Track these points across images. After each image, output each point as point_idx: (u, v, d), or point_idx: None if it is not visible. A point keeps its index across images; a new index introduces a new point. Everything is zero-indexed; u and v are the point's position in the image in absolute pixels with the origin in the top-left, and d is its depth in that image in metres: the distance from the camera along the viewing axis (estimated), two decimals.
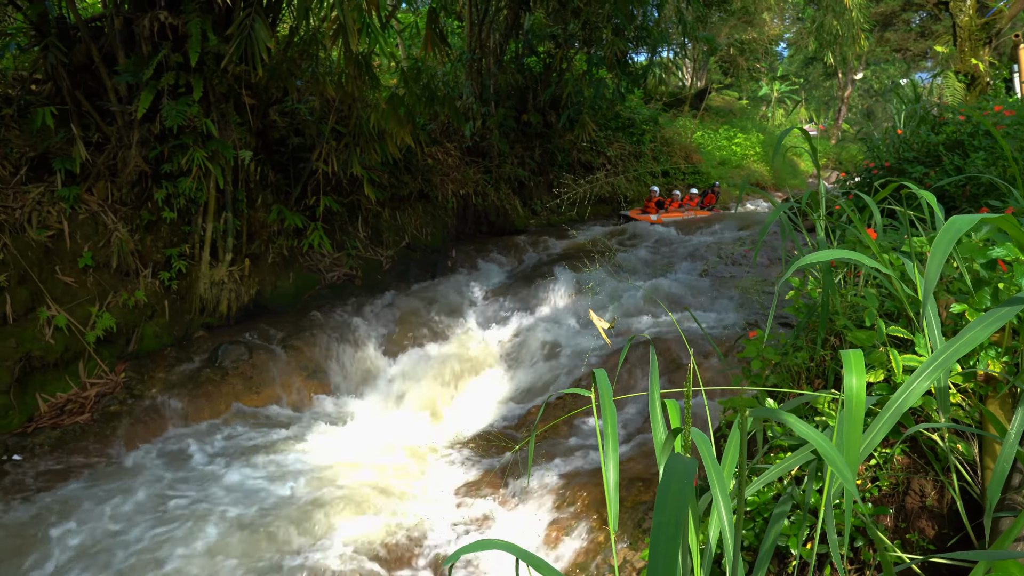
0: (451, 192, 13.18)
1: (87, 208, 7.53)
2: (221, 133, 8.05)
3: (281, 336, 8.50)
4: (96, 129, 7.82)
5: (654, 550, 1.00)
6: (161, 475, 5.88)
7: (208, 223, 8.24)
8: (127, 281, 7.64)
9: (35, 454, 6.06)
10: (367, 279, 10.67)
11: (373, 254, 11.20)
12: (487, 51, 14.63)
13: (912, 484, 2.40)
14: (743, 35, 26.05)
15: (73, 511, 5.19)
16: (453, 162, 13.74)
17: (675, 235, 13.72)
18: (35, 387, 6.66)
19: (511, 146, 15.19)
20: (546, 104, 15.78)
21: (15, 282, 6.69)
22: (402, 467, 6.26)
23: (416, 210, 12.41)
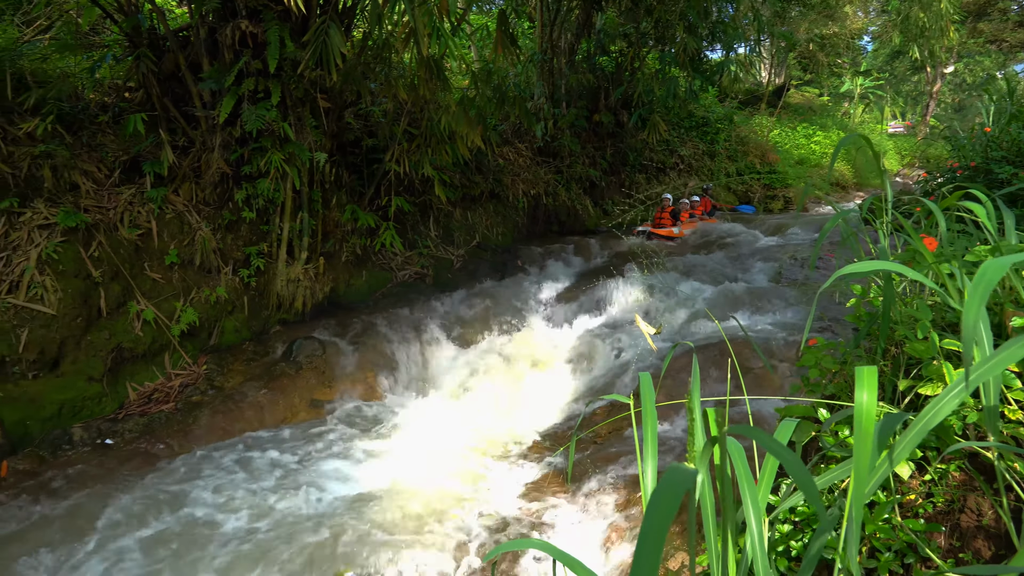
0: (522, 192, 13.29)
1: (173, 208, 7.94)
2: (297, 136, 8.35)
3: (353, 332, 8.74)
4: (182, 133, 8.24)
5: (637, 557, 1.03)
6: (238, 462, 6.16)
7: (285, 223, 8.56)
8: (209, 278, 8.02)
9: (125, 439, 6.44)
10: (438, 278, 10.87)
11: (444, 253, 11.40)
12: (558, 51, 14.68)
13: (968, 502, 2.34)
14: (824, 29, 25.28)
15: (158, 494, 5.49)
16: (524, 162, 13.84)
17: (749, 237, 13.47)
18: (125, 376, 7.08)
19: (582, 146, 15.20)
20: (618, 104, 15.73)
21: (108, 278, 7.12)
22: (465, 464, 6.37)
23: (487, 210, 12.57)
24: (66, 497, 5.48)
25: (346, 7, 8.77)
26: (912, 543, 2.27)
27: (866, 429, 1.32)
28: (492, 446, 6.82)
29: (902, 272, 1.78)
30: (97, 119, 8.00)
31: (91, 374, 6.75)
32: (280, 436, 6.77)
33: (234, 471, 6.01)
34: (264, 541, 4.89)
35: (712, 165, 18.14)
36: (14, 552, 4.76)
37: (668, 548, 4.36)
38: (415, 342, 8.93)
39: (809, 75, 30.00)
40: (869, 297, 3.18)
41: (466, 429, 7.26)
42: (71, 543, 4.90)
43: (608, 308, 9.96)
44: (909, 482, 2.46)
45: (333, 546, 4.84)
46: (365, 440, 6.80)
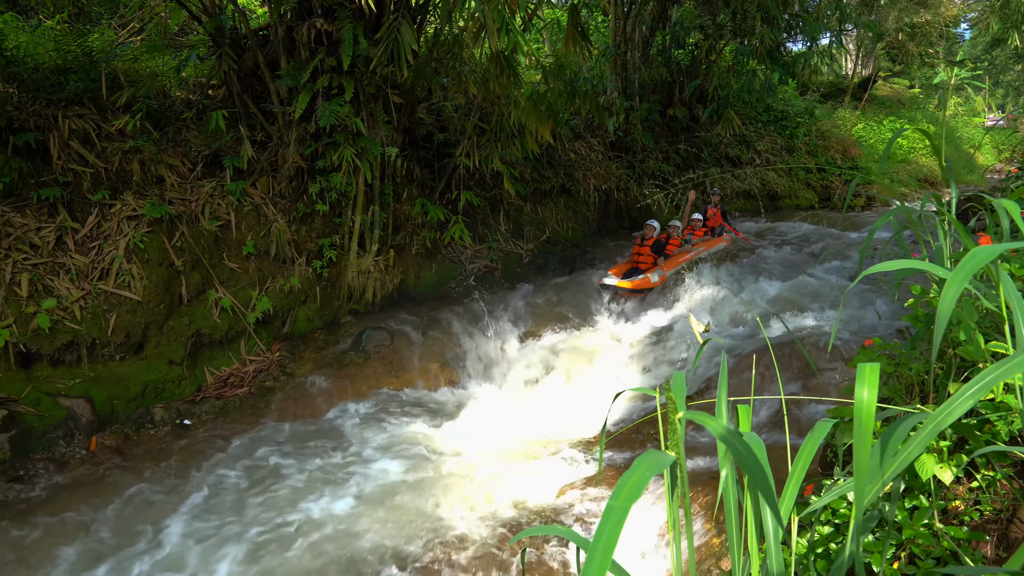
0: (593, 187, 13.23)
1: (251, 201, 8.26)
2: (370, 131, 8.54)
3: (421, 324, 8.91)
4: (260, 129, 8.56)
5: (598, 532, 1.05)
6: (307, 445, 6.39)
7: (357, 215, 8.78)
8: (284, 268, 8.32)
9: (202, 420, 6.77)
10: (506, 271, 10.95)
11: (513, 247, 11.47)
12: (632, 45, 14.54)
13: (1019, 512, 2.25)
14: (915, 18, 24.16)
15: (231, 472, 5.76)
16: (596, 157, 13.78)
17: (821, 232, 13.05)
18: (204, 361, 7.42)
19: (655, 141, 15.02)
20: (692, 98, 15.47)
21: (190, 267, 7.48)
22: (526, 455, 6.43)
23: (557, 204, 12.58)
24: (149, 471, 5.80)
25: (418, 4, 8.93)
26: (954, 551, 2.20)
27: (866, 427, 1.30)
28: (550, 439, 6.85)
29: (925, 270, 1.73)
30: (182, 116, 8.39)
31: (172, 358, 7.11)
32: (345, 420, 6.97)
33: (295, 451, 6.24)
34: (317, 517, 5.07)
35: (790, 160, 17.64)
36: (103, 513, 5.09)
37: (721, 548, 4.31)
38: (482, 335, 9.04)
39: (899, 66, 28.74)
40: (928, 297, 3.08)
41: (527, 421, 7.32)
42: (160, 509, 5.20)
43: (675, 305, 9.85)
44: (955, 488, 2.38)
45: (379, 532, 4.97)
46: (428, 429, 6.94)
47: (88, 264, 6.91)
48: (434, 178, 10.25)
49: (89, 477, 5.76)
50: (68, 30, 8.34)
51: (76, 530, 5.06)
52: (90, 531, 5.06)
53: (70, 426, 6.22)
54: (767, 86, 15.00)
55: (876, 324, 7.99)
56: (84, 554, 4.77)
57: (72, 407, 6.29)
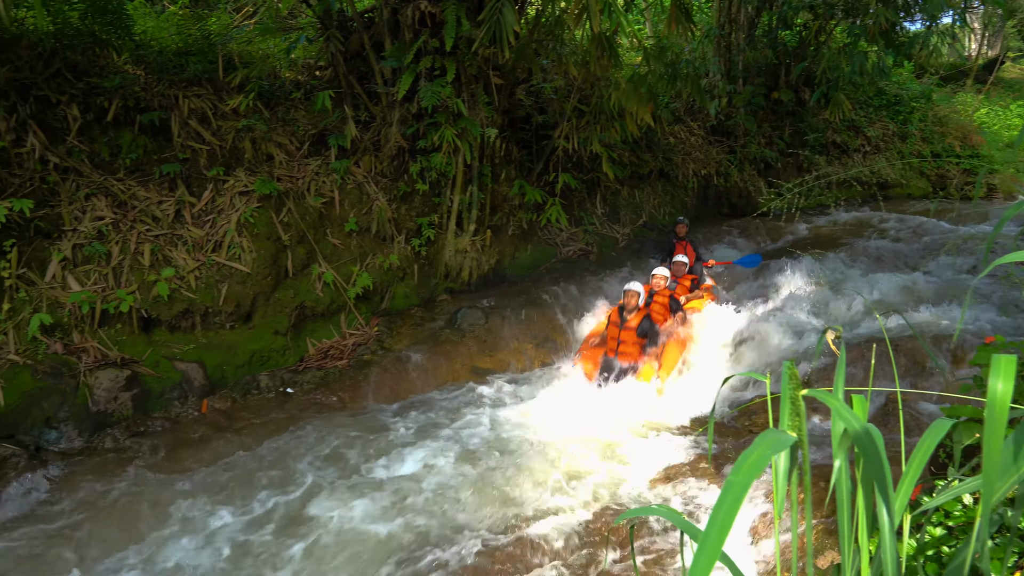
0: (692, 172, 12.96)
1: (354, 179, 8.49)
2: (470, 112, 8.62)
3: (515, 304, 8.97)
4: (364, 109, 8.77)
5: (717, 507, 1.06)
6: (401, 417, 6.54)
7: (455, 195, 8.90)
8: (384, 245, 8.52)
9: (304, 389, 7.04)
10: (602, 255, 10.88)
11: (609, 231, 11.39)
12: (737, 26, 14.10)
13: None
14: None
15: (331, 438, 5.97)
16: (696, 141, 13.49)
17: (932, 225, 12.33)
18: (306, 333, 7.71)
19: (758, 125, 14.55)
20: (799, 80, 14.89)
21: (295, 241, 7.76)
22: (618, 440, 6.36)
23: (655, 189, 12.39)
24: (255, 433, 6.09)
25: None
26: None
27: (999, 421, 1.21)
28: (644, 424, 6.76)
29: None
30: (291, 96, 8.69)
31: (277, 328, 7.42)
32: (439, 396, 7.10)
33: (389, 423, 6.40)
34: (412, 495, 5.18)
35: (903, 147, 16.73)
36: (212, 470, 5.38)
37: (817, 545, 4.16)
38: (576, 317, 9.01)
39: None
40: None
41: (620, 405, 7.25)
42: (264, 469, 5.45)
43: (774, 295, 9.53)
44: None
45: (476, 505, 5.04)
46: (520, 408, 6.97)
47: (203, 237, 7.27)
48: (532, 160, 10.26)
49: (200, 436, 6.08)
50: (189, 15, 8.76)
51: (184, 482, 5.36)
52: (199, 486, 5.34)
53: (184, 388, 6.59)
54: (880, 69, 14.27)
55: (996, 322, 7.53)
56: (193, 507, 5.04)
57: (186, 371, 6.66)
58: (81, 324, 6.43)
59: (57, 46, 7.20)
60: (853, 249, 10.88)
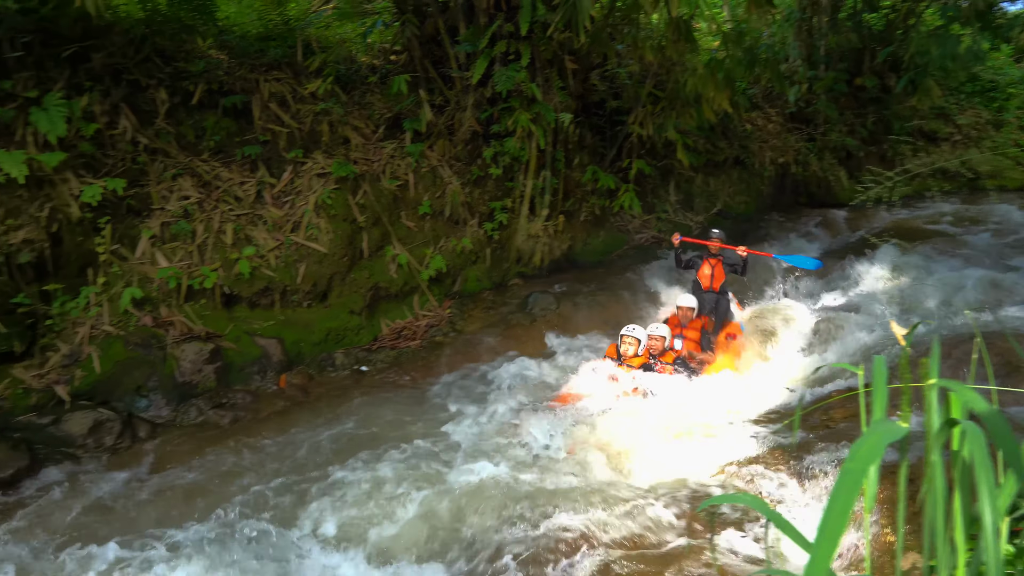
0: (769, 160, 12.62)
1: (428, 163, 8.56)
2: (544, 97, 8.57)
3: (587, 290, 8.90)
4: (439, 93, 8.82)
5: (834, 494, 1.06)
6: (469, 397, 6.54)
7: (528, 180, 8.87)
8: (456, 229, 8.57)
9: (377, 368, 7.17)
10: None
11: (682, 219, 11.19)
12: (819, 9, 13.64)
13: None
14: None
15: (405, 415, 6.04)
16: (773, 128, 13.12)
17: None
18: (380, 313, 7.83)
19: (840, 112, 14.04)
20: (885, 66, 14.29)
21: (371, 223, 7.88)
22: (690, 428, 6.22)
23: (730, 177, 12.12)
24: (330, 408, 6.21)
25: None
26: None
27: None
28: (713, 414, 6.58)
29: None
30: (367, 80, 8.82)
31: (352, 308, 7.56)
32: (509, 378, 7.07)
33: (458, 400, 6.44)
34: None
35: (997, 136, 15.91)
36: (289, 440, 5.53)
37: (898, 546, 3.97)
38: (646, 304, 8.88)
39: None
40: None
41: (689, 394, 7.10)
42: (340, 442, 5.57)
43: (853, 288, 9.19)
44: None
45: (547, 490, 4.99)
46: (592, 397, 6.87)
47: (282, 217, 7.44)
48: (605, 145, 10.17)
49: (278, 409, 6.26)
50: (269, 0, 8.96)
51: (263, 453, 5.50)
52: (275, 456, 5.47)
53: (263, 363, 6.78)
54: (974, 53, 13.58)
55: None
56: (268, 474, 5.17)
57: (266, 347, 6.85)
58: (168, 299, 6.67)
59: (147, 32, 7.46)
60: (940, 242, 10.40)
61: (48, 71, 6.74)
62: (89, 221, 6.51)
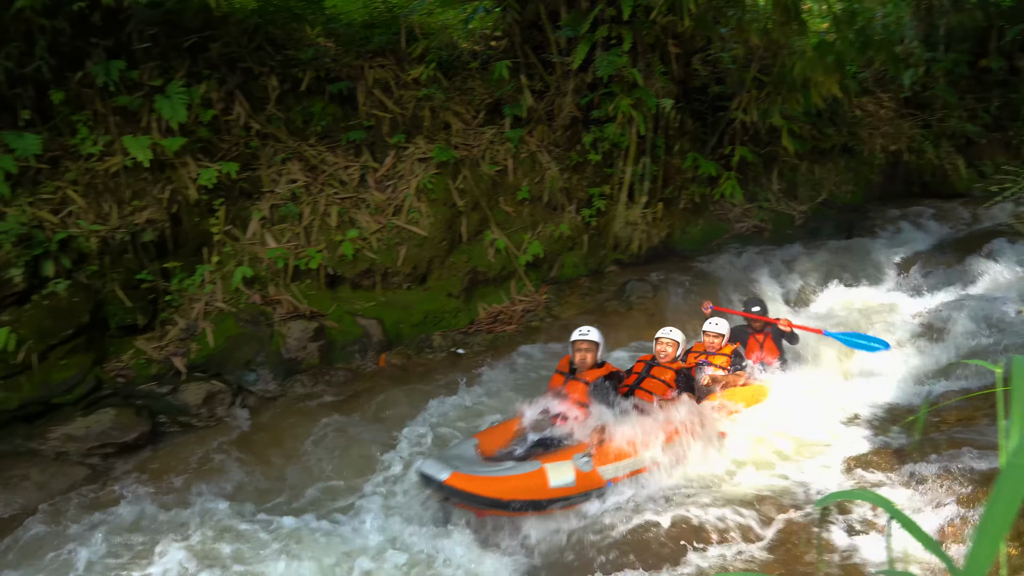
0: (879, 147, 12.02)
1: (527, 148, 8.57)
2: (646, 82, 8.43)
3: (685, 279, 8.74)
4: (539, 79, 8.81)
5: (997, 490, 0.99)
6: None
7: (628, 167, 8.76)
8: (554, 215, 8.56)
9: (473, 350, 7.27)
10: (776, 232, 10.36)
11: (785, 208, 10.81)
12: None
13: None
14: None
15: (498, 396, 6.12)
16: (885, 114, 12.49)
17: None
18: (477, 297, 7.92)
19: (960, 97, 13.21)
20: (1014, 46, 13.35)
21: (470, 208, 7.97)
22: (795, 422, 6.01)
23: (837, 165, 11.62)
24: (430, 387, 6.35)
25: None
26: None
27: None
28: (820, 411, 6.33)
29: None
30: (468, 66, 8.90)
31: (451, 291, 7.68)
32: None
33: None
34: None
35: None
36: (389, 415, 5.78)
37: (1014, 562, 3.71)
38: (747, 295, 8.62)
39: None
40: None
41: (795, 390, 6.85)
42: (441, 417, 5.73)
43: (971, 284, 8.64)
44: None
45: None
46: None
47: (384, 201, 7.61)
48: (706, 132, 9.93)
49: (377, 387, 6.44)
50: None
51: (364, 427, 5.72)
52: (376, 429, 5.68)
53: (364, 343, 6.99)
54: None
55: None
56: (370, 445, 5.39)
57: (367, 327, 7.05)
58: (276, 278, 6.94)
59: (260, 22, 7.75)
60: None
61: (171, 61, 7.10)
62: (205, 203, 6.84)
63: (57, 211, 6.09)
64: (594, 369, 4.98)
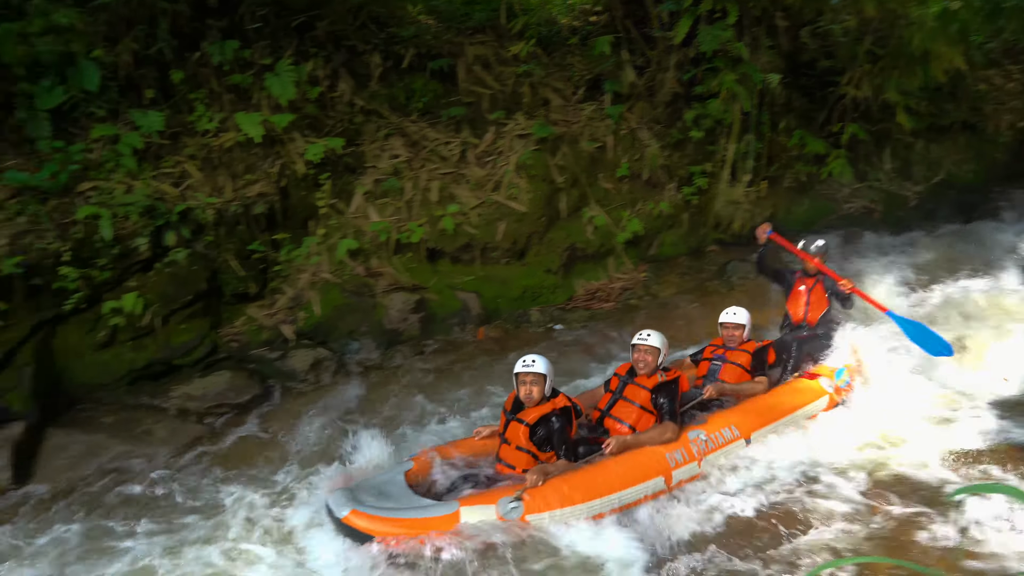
0: (1006, 124, 11.25)
1: (627, 125, 8.46)
2: (751, 56, 8.17)
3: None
4: (640, 54, 8.64)
5: None
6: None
7: (731, 144, 8.51)
8: (654, 192, 8.41)
9: (570, 327, 7.26)
10: (887, 214, 9.88)
11: (898, 188, 10.28)
12: None
13: None
14: None
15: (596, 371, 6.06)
16: (1014, 88, 11.66)
17: None
18: (575, 273, 7.88)
19: None
20: None
21: (569, 184, 7.94)
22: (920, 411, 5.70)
23: (956, 142, 10.95)
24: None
25: None
26: None
27: None
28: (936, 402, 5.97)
29: None
30: (568, 42, 8.82)
31: (549, 267, 7.68)
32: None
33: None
34: None
35: None
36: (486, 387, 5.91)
37: None
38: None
39: None
40: None
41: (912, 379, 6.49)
42: None
43: None
44: None
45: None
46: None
47: (484, 176, 7.66)
48: (814, 108, 9.53)
49: (476, 360, 6.53)
50: None
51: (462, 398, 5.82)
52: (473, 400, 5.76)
53: (463, 316, 7.09)
54: None
55: None
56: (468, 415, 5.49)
57: (466, 300, 7.15)
58: (379, 251, 7.11)
59: (364, 0, 7.89)
60: None
61: (280, 40, 7.34)
62: (312, 177, 7.05)
63: (177, 184, 6.42)
64: (541, 405, 4.15)
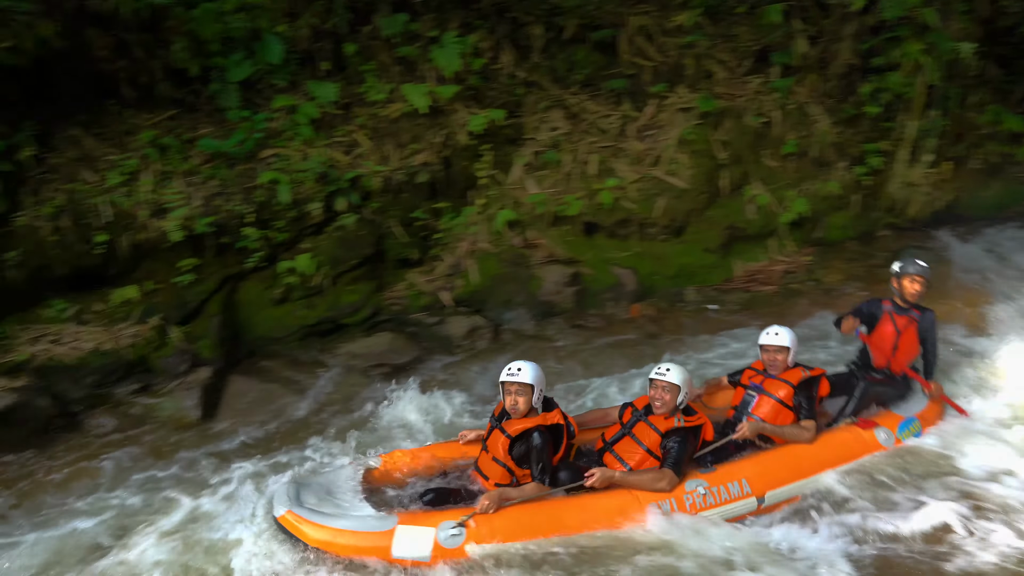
0: None
1: (795, 99, 8.01)
2: (942, 23, 7.49)
3: (966, 250, 7.95)
4: (813, 23, 8.14)
5: None
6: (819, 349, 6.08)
7: (912, 120, 7.88)
8: (822, 171, 7.91)
9: (727, 308, 7.05)
10: None
11: None
12: None
13: None
14: None
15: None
16: None
17: None
18: (734, 254, 7.57)
19: None
20: None
21: (732, 161, 7.64)
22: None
23: None
24: (682, 340, 6.28)
25: None
26: None
27: None
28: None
29: None
30: (734, 11, 8.43)
31: (707, 245, 7.43)
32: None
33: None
34: None
35: None
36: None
37: None
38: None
39: None
40: None
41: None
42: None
43: None
44: None
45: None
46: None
47: (644, 151, 7.51)
48: (1012, 80, 8.65)
49: (628, 336, 6.51)
50: None
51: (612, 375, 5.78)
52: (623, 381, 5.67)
53: (617, 291, 7.01)
54: None
55: None
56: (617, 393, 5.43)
57: (621, 275, 7.06)
58: (536, 222, 7.16)
59: None
60: None
61: (446, 12, 7.49)
62: (473, 148, 7.17)
63: (348, 152, 6.73)
64: (528, 418, 3.75)
